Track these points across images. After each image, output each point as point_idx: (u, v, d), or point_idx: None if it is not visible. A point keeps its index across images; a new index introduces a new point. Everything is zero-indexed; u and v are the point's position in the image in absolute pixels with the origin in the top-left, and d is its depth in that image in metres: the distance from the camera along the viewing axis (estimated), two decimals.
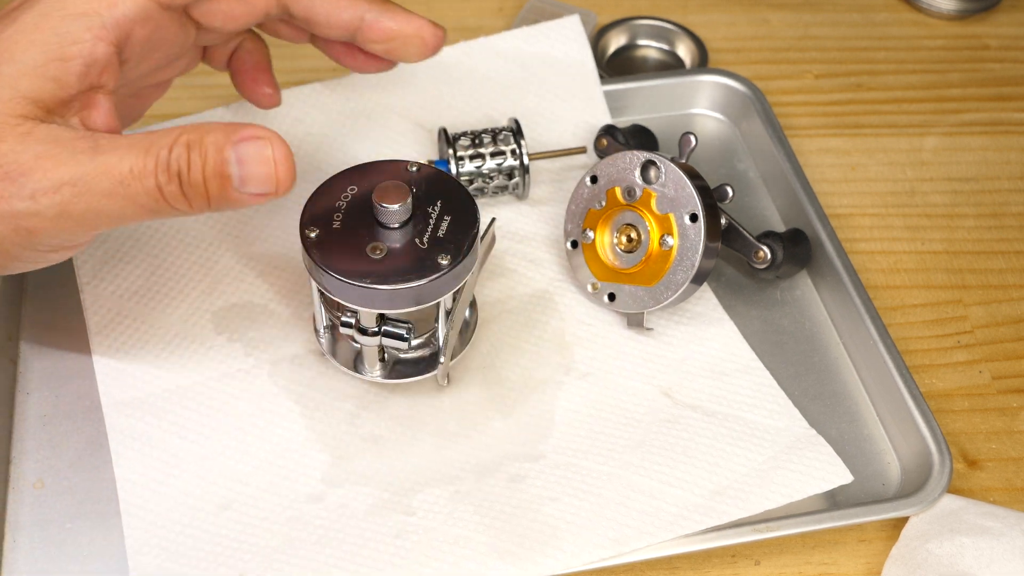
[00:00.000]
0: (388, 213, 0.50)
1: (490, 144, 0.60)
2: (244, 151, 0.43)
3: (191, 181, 0.43)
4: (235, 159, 0.43)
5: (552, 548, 0.49)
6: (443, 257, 0.50)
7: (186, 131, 0.44)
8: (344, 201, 0.51)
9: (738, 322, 0.59)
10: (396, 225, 0.50)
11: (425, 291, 0.49)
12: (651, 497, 0.51)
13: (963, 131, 0.71)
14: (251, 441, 0.53)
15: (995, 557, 0.50)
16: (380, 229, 0.50)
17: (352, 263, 0.49)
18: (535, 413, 0.55)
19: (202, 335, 0.56)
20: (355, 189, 0.51)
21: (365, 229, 0.50)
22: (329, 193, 0.51)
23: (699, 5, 0.77)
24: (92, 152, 0.43)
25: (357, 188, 0.51)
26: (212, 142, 0.43)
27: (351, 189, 0.51)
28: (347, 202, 0.51)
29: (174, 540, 0.50)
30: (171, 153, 0.43)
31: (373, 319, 0.51)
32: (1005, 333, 0.61)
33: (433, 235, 0.50)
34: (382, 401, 0.55)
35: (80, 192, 0.43)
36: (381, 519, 0.51)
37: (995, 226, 0.66)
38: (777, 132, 0.65)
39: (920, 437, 0.54)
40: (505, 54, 0.66)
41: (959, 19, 0.77)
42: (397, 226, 0.50)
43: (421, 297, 0.50)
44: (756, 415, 0.55)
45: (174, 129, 0.44)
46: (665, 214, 0.56)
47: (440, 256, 0.50)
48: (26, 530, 0.51)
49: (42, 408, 0.55)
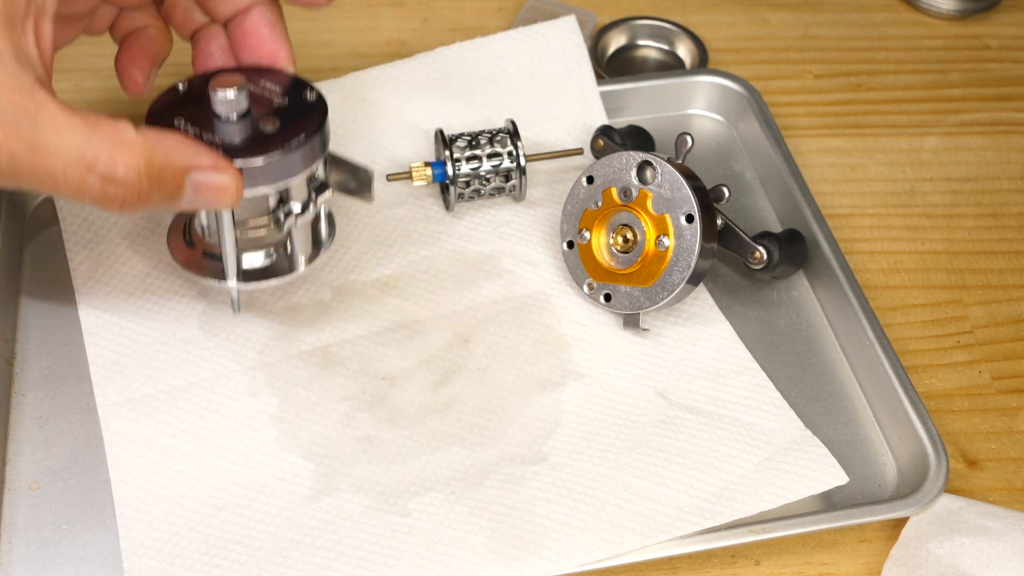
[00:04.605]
0: (226, 100, 0.48)
1: (487, 146, 0.60)
2: (203, 184, 0.45)
3: (137, 205, 0.44)
4: (192, 190, 0.45)
5: (548, 549, 0.49)
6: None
7: (136, 147, 0.43)
8: (180, 123, 0.49)
9: (734, 323, 0.59)
10: (236, 115, 0.49)
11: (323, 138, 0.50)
12: (647, 498, 0.51)
13: (963, 131, 0.71)
14: (246, 443, 0.53)
15: (995, 557, 0.50)
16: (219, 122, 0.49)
17: (261, 149, 0.48)
18: (531, 414, 0.55)
19: (197, 336, 0.56)
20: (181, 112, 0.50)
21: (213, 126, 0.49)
22: (161, 123, 0.49)
23: (699, 5, 0.77)
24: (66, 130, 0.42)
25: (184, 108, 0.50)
26: (168, 170, 0.44)
27: (178, 118, 0.49)
28: (185, 121, 0.49)
29: (169, 541, 0.50)
30: (115, 174, 0.43)
31: (304, 191, 0.51)
32: (1005, 333, 0.61)
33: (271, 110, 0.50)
34: (377, 403, 0.55)
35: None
36: (376, 521, 0.50)
37: (995, 226, 0.66)
38: (774, 132, 0.65)
39: (916, 438, 0.53)
40: (501, 54, 0.66)
41: (959, 19, 0.77)
42: (236, 117, 0.49)
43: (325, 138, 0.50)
44: (752, 416, 0.55)
45: (123, 133, 0.43)
46: (661, 215, 0.55)
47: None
48: (21, 531, 0.51)
49: (38, 409, 0.55)
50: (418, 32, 0.74)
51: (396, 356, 0.56)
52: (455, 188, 0.60)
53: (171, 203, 0.45)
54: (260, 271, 0.53)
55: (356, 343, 0.57)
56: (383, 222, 0.61)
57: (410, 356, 0.56)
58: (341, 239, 0.60)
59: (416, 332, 0.57)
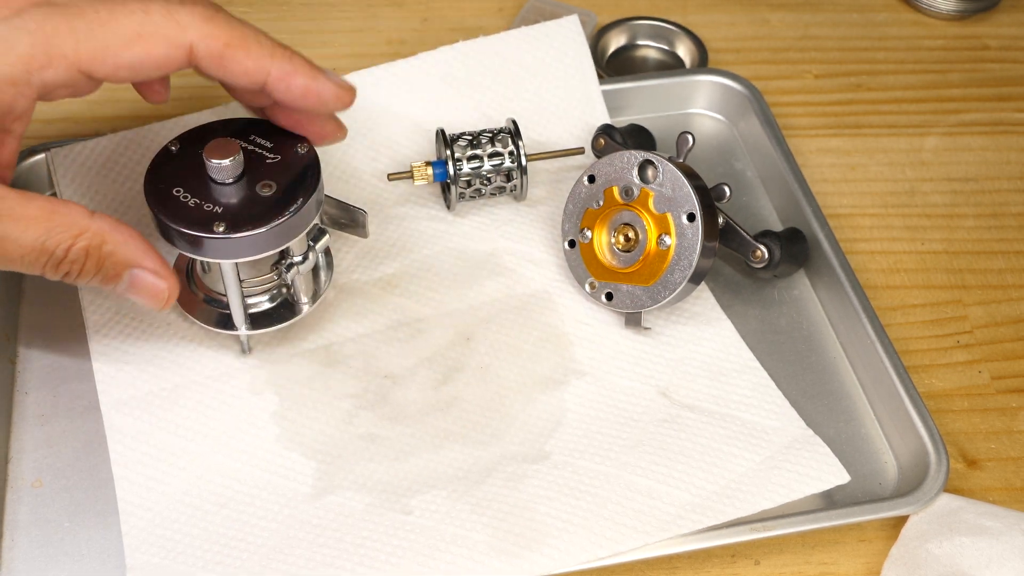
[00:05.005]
0: (222, 168, 0.49)
1: (488, 145, 0.60)
2: (140, 281, 0.48)
3: (76, 280, 0.47)
4: (129, 281, 0.48)
5: (550, 547, 0.49)
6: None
7: (91, 233, 0.46)
8: (180, 193, 0.50)
9: (736, 322, 0.59)
10: (231, 180, 0.50)
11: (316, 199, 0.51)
12: (648, 497, 0.51)
13: (963, 131, 0.71)
14: (249, 440, 0.53)
15: (994, 557, 0.50)
16: (216, 185, 0.50)
17: (261, 215, 0.49)
18: (533, 413, 0.55)
19: (199, 334, 0.56)
20: (176, 184, 0.51)
21: (211, 190, 0.50)
22: (161, 192, 0.50)
23: (699, 5, 0.77)
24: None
25: (175, 178, 0.51)
26: (112, 259, 0.47)
27: (176, 187, 0.50)
28: (183, 191, 0.50)
29: (172, 538, 0.50)
30: (67, 255, 0.46)
31: (304, 243, 0.52)
32: (1005, 333, 0.61)
33: (264, 173, 0.51)
34: (379, 401, 0.55)
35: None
36: (378, 518, 0.51)
37: (995, 226, 0.66)
38: (775, 131, 0.65)
39: (917, 436, 0.53)
40: (503, 54, 0.66)
41: (959, 19, 0.77)
42: (232, 181, 0.50)
43: (320, 195, 0.51)
44: (753, 415, 0.55)
45: (79, 222, 0.46)
46: (663, 213, 0.56)
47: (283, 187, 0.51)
48: (24, 529, 0.51)
49: (40, 407, 0.55)
50: (418, 32, 0.74)
51: (398, 354, 0.56)
52: (456, 187, 0.60)
53: (105, 286, 0.48)
54: (266, 314, 0.54)
55: (358, 341, 0.57)
56: (385, 221, 0.62)
57: (412, 354, 0.56)
58: (343, 238, 0.60)
59: (418, 330, 0.57)
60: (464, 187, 0.61)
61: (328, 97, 0.50)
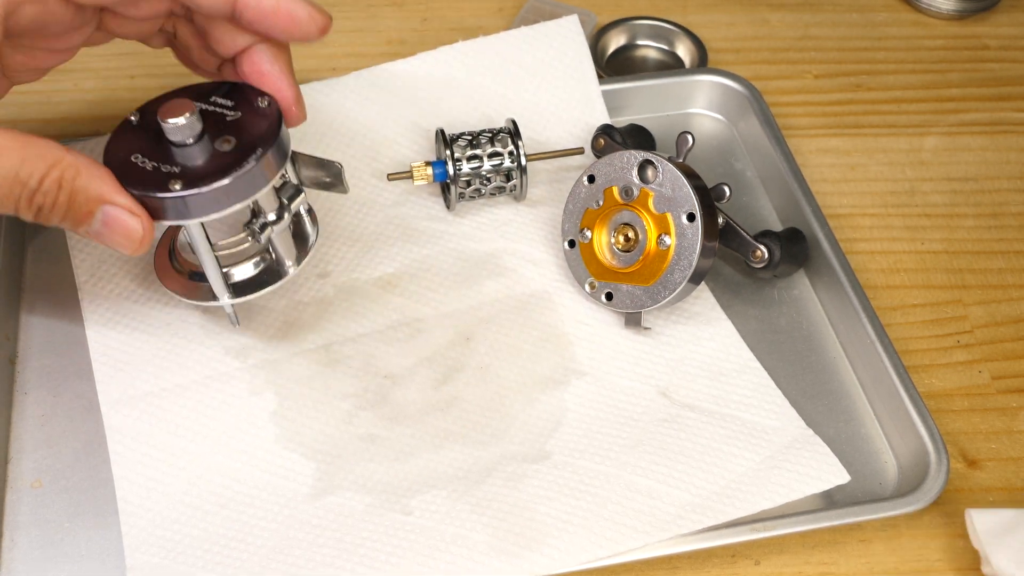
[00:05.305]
0: (178, 128, 0.48)
1: (487, 145, 0.60)
2: (113, 219, 0.46)
3: (49, 217, 0.46)
4: (101, 220, 0.46)
5: (550, 547, 0.49)
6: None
7: (64, 164, 0.45)
8: (138, 160, 0.49)
9: (736, 321, 0.59)
10: (191, 141, 0.49)
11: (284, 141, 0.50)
12: (648, 497, 0.51)
13: (963, 131, 0.71)
14: (249, 440, 0.53)
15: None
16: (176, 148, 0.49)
17: (220, 169, 0.48)
18: (533, 412, 0.55)
19: (199, 334, 0.56)
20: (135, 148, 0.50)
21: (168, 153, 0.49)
22: (119, 159, 0.49)
23: (699, 5, 0.77)
24: None
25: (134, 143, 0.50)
26: (84, 193, 0.46)
27: (134, 154, 0.49)
28: (142, 156, 0.49)
29: (171, 538, 0.50)
30: (40, 184, 0.45)
31: (274, 202, 0.51)
32: (1005, 333, 0.61)
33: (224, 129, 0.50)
34: (379, 401, 0.55)
35: None
36: (378, 519, 0.51)
37: (995, 226, 0.66)
38: (774, 131, 0.65)
39: (917, 436, 0.53)
40: (503, 54, 0.66)
41: (959, 19, 0.77)
42: (191, 142, 0.49)
43: (284, 147, 0.50)
44: (753, 415, 0.55)
45: (53, 152, 0.45)
46: (662, 213, 0.56)
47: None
48: (24, 529, 0.51)
49: (40, 407, 0.55)
50: (418, 32, 0.74)
51: (398, 354, 0.56)
52: (456, 187, 0.60)
53: (76, 227, 0.47)
54: (250, 282, 0.53)
55: (358, 341, 0.57)
56: (385, 221, 0.62)
57: (412, 354, 0.56)
58: (343, 238, 0.60)
59: (418, 330, 0.57)
60: (464, 187, 0.61)
61: (301, 17, 0.48)
